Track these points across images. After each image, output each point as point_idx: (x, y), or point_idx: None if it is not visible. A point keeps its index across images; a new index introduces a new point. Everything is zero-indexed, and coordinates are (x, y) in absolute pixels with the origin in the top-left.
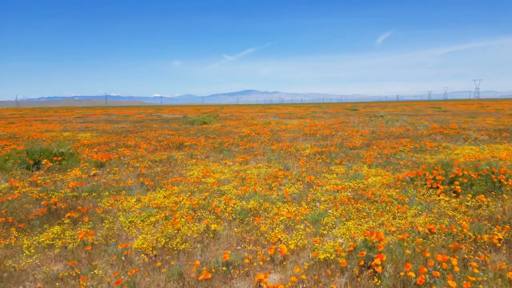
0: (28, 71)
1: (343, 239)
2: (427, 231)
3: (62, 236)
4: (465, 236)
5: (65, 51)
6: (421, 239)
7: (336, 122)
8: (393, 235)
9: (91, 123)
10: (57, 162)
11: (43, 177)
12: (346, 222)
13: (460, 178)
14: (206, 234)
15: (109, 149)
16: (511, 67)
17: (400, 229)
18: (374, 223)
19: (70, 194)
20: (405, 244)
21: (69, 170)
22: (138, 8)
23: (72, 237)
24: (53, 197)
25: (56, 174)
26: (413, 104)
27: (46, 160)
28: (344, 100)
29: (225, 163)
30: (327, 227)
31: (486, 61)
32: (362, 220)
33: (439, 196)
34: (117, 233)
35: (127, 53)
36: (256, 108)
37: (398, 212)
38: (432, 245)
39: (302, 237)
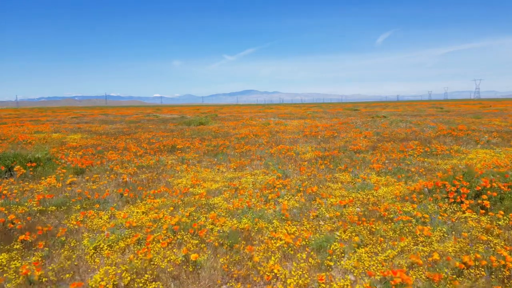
0: (28, 71)
1: (355, 275)
2: (462, 265)
3: (6, 268)
4: (510, 272)
5: (65, 51)
6: (455, 276)
7: (337, 123)
8: (419, 269)
9: (86, 124)
10: (31, 169)
11: (11, 187)
12: (358, 249)
13: (489, 191)
14: (185, 267)
15: (96, 152)
16: (511, 67)
17: (426, 260)
18: (392, 251)
19: (35, 209)
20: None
21: (43, 177)
22: (138, 8)
23: (16, 270)
24: (13, 212)
25: (27, 183)
26: (414, 104)
27: (19, 166)
28: (344, 100)
29: (218, 169)
30: (334, 256)
31: (486, 61)
32: (377, 246)
33: (464, 212)
34: (75, 263)
35: (127, 53)
36: (255, 108)
37: (420, 236)
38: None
39: (304, 271)
